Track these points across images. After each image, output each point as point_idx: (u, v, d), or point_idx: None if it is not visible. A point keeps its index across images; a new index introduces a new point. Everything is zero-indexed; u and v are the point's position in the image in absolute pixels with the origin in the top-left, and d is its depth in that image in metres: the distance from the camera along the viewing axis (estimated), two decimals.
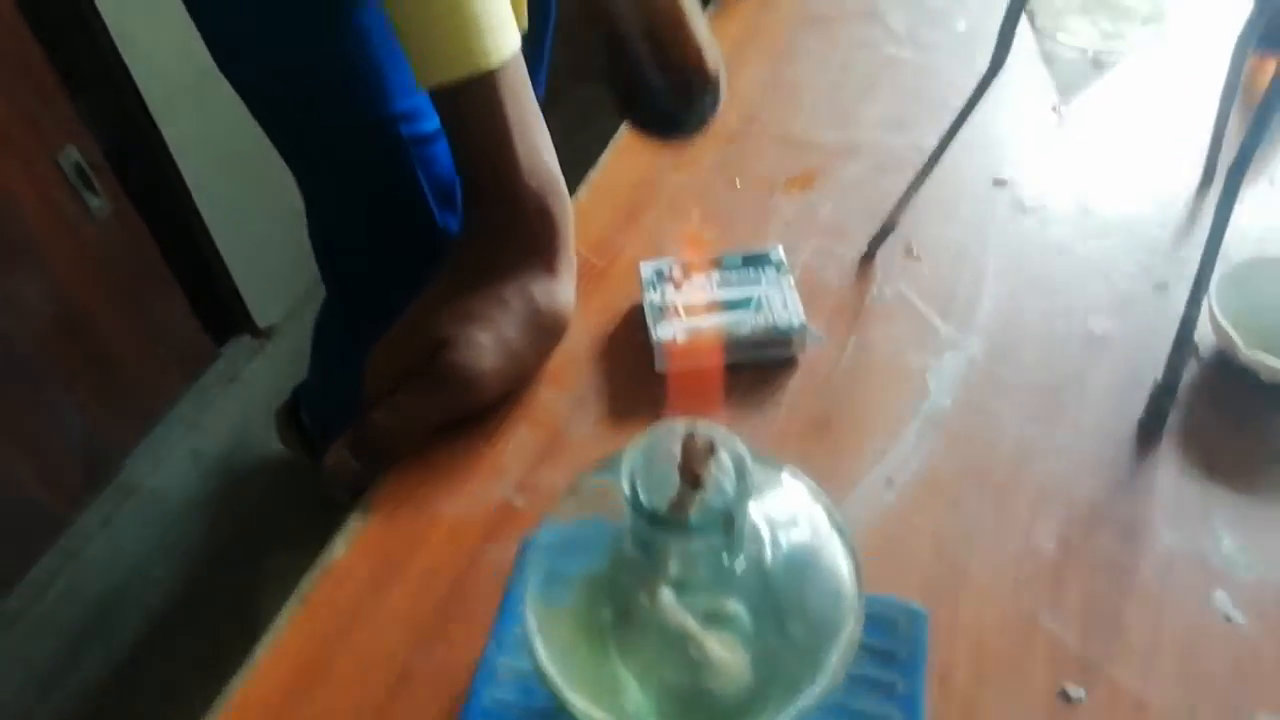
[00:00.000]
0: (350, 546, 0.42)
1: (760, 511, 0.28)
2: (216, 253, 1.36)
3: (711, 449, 0.24)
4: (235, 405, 1.42)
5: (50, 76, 1.10)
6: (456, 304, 0.44)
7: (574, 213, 0.49)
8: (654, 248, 0.53)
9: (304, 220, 0.74)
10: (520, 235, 0.45)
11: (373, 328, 0.45)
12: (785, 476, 0.31)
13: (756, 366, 0.47)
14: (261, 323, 1.48)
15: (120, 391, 1.30)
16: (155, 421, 1.38)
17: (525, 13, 0.47)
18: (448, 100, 0.44)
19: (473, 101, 0.43)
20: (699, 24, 0.38)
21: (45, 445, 1.21)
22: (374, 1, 0.51)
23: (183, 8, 0.58)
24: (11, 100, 1.07)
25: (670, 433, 0.25)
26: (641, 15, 0.36)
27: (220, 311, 1.44)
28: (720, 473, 0.24)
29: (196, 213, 1.31)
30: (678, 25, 0.37)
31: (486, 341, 0.43)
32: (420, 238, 0.63)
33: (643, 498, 0.24)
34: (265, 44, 0.56)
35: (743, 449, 0.25)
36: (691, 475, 0.24)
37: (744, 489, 0.24)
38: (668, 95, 0.37)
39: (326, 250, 0.75)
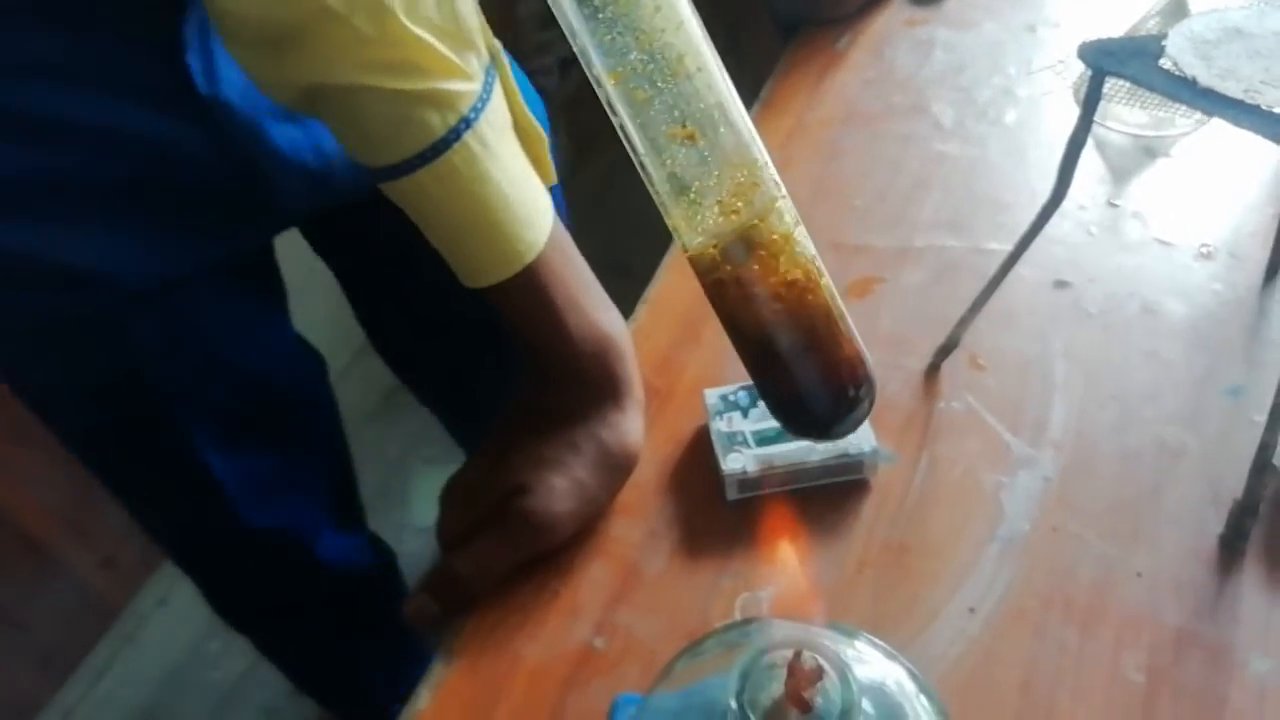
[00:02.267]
0: (435, 696, 0.43)
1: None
2: None
3: (820, 674, 0.25)
4: None
5: None
6: (528, 449, 0.46)
7: (634, 334, 0.51)
8: (717, 365, 0.55)
9: None
10: (583, 384, 0.47)
11: None
12: (860, 645, 0.32)
13: (828, 491, 0.49)
14: None
15: None
16: None
17: (551, 167, 0.47)
18: (495, 294, 0.44)
19: (520, 292, 0.43)
20: (850, 327, 0.38)
21: (98, 531, 1.25)
22: None
23: None
24: None
25: (769, 636, 0.27)
26: (799, 333, 0.36)
27: None
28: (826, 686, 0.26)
29: None
30: (836, 337, 0.36)
31: (560, 485, 0.45)
32: None
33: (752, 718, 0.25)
34: None
35: (847, 664, 0.26)
36: (799, 701, 0.25)
37: (850, 705, 0.25)
38: (829, 404, 0.37)
39: None
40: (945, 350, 0.54)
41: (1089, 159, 0.66)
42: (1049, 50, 0.74)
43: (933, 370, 0.54)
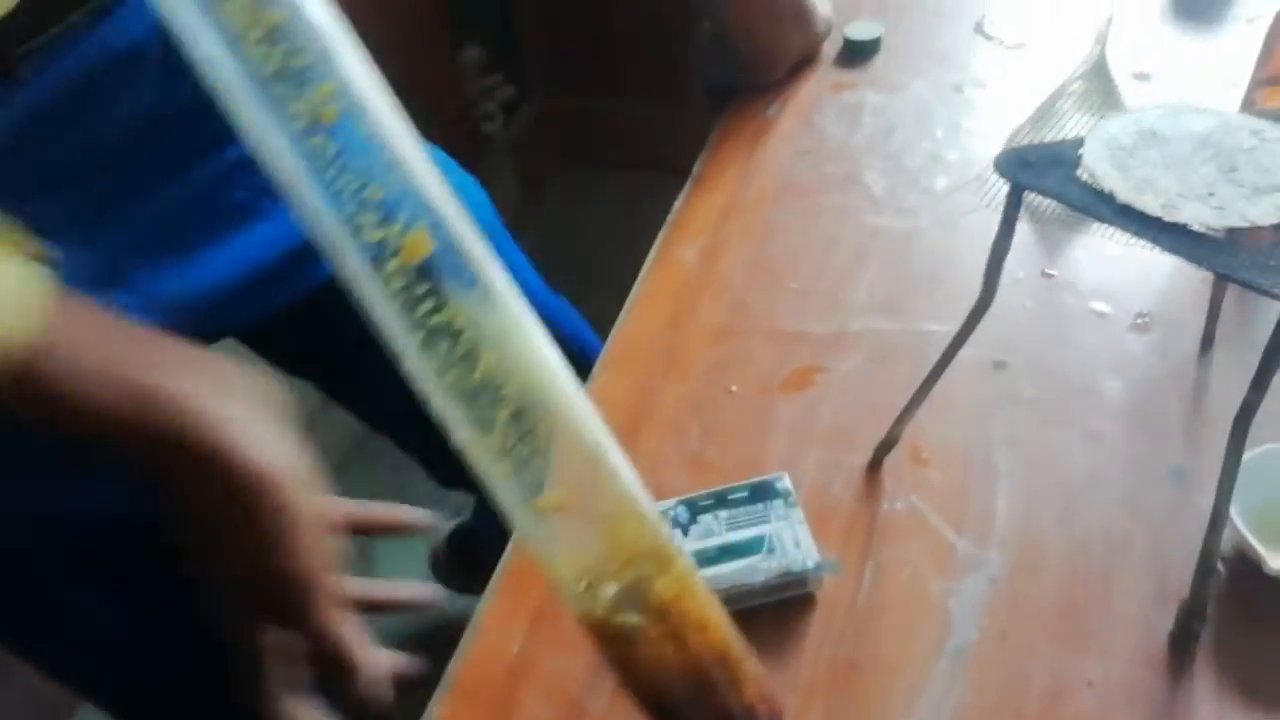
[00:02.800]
0: None
1: None
2: None
3: None
4: None
5: None
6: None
7: None
8: (656, 475, 0.54)
9: None
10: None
11: None
12: None
13: (774, 609, 0.48)
14: None
15: None
16: None
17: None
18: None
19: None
20: (754, 666, 0.35)
21: None
22: None
23: None
24: None
25: None
26: (696, 687, 0.33)
27: None
28: None
29: None
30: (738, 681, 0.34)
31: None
32: None
33: None
34: None
35: None
36: None
37: None
38: None
39: None
40: (887, 446, 0.53)
41: (1023, 233, 0.66)
42: (976, 112, 0.75)
43: (875, 466, 0.54)
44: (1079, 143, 0.42)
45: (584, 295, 0.80)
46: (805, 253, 0.66)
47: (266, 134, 0.28)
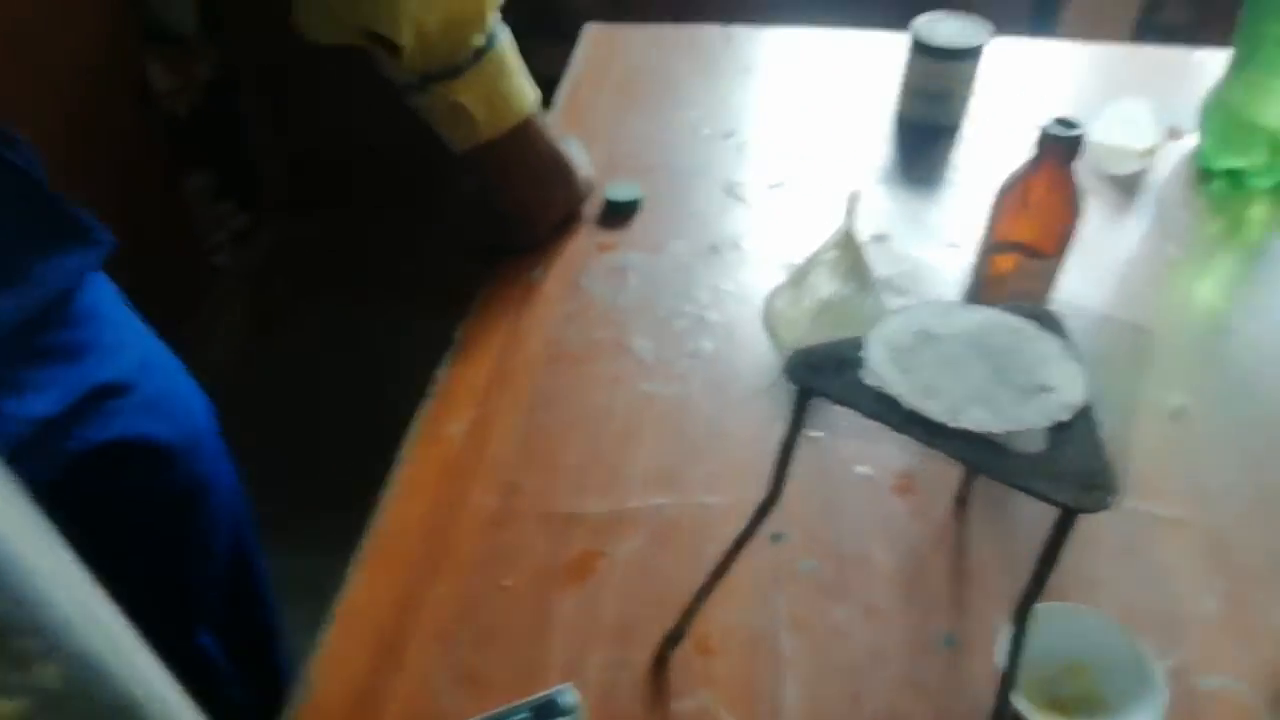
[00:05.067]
0: None
1: None
2: None
3: None
4: None
5: None
6: None
7: (322, 659, 0.48)
8: (427, 695, 0.50)
9: None
10: None
11: None
12: None
13: None
14: None
15: None
16: None
17: None
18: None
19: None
20: None
21: None
22: None
23: None
24: None
25: None
26: None
27: None
28: None
29: None
30: None
31: None
32: None
33: None
34: None
35: None
36: None
37: None
38: None
39: None
40: (673, 639, 0.52)
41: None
42: (733, 273, 0.79)
43: (661, 662, 0.52)
44: (859, 344, 0.44)
45: (323, 465, 0.75)
46: (579, 425, 0.66)
47: None
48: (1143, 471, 0.62)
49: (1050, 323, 0.47)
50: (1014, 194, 0.65)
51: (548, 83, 0.98)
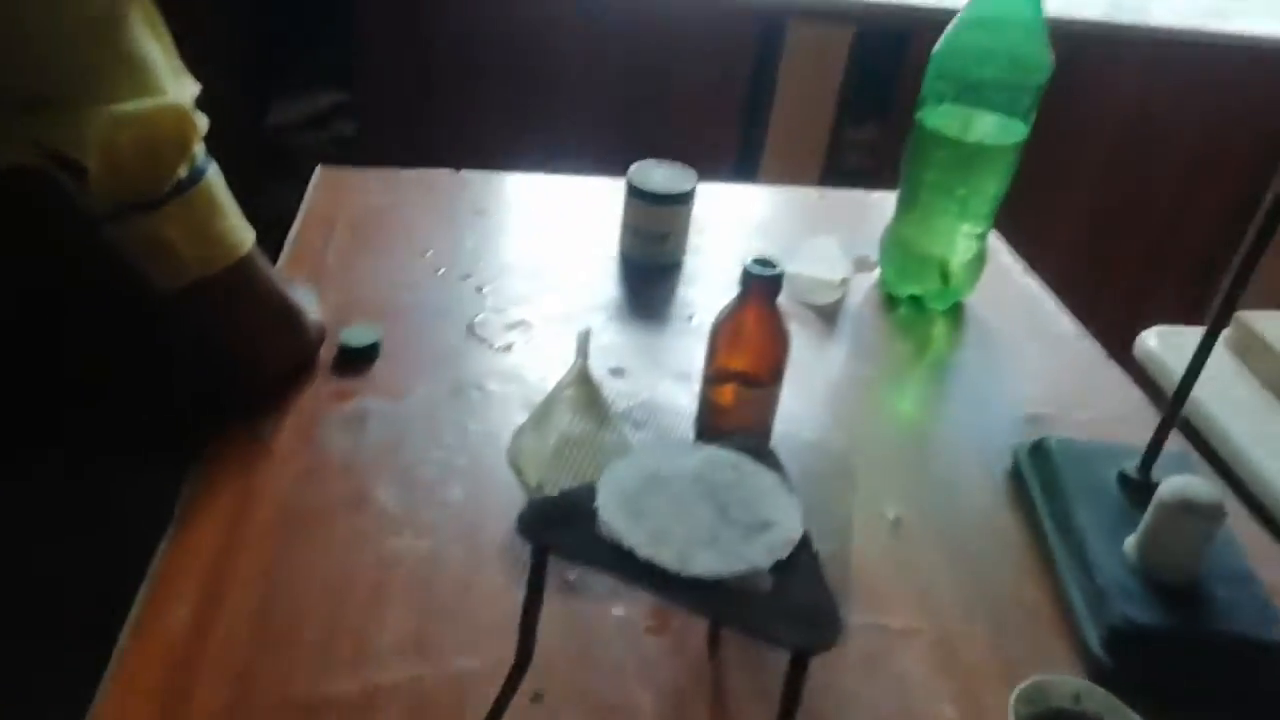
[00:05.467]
0: None
1: None
2: None
3: None
4: None
5: None
6: None
7: None
8: None
9: None
10: None
11: None
12: None
13: None
14: None
15: None
16: None
17: None
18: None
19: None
20: None
21: None
22: None
23: None
24: None
25: None
26: None
27: None
28: None
29: None
30: None
31: None
32: None
33: None
34: None
35: None
36: None
37: None
38: None
39: None
40: None
41: None
42: (479, 414, 0.79)
43: None
44: (592, 493, 0.46)
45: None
46: (320, 594, 0.62)
47: None
48: (871, 583, 0.68)
49: (765, 456, 0.51)
50: (726, 328, 0.71)
51: (277, 223, 0.96)
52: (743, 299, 0.69)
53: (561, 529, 0.44)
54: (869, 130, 1.80)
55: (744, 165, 1.82)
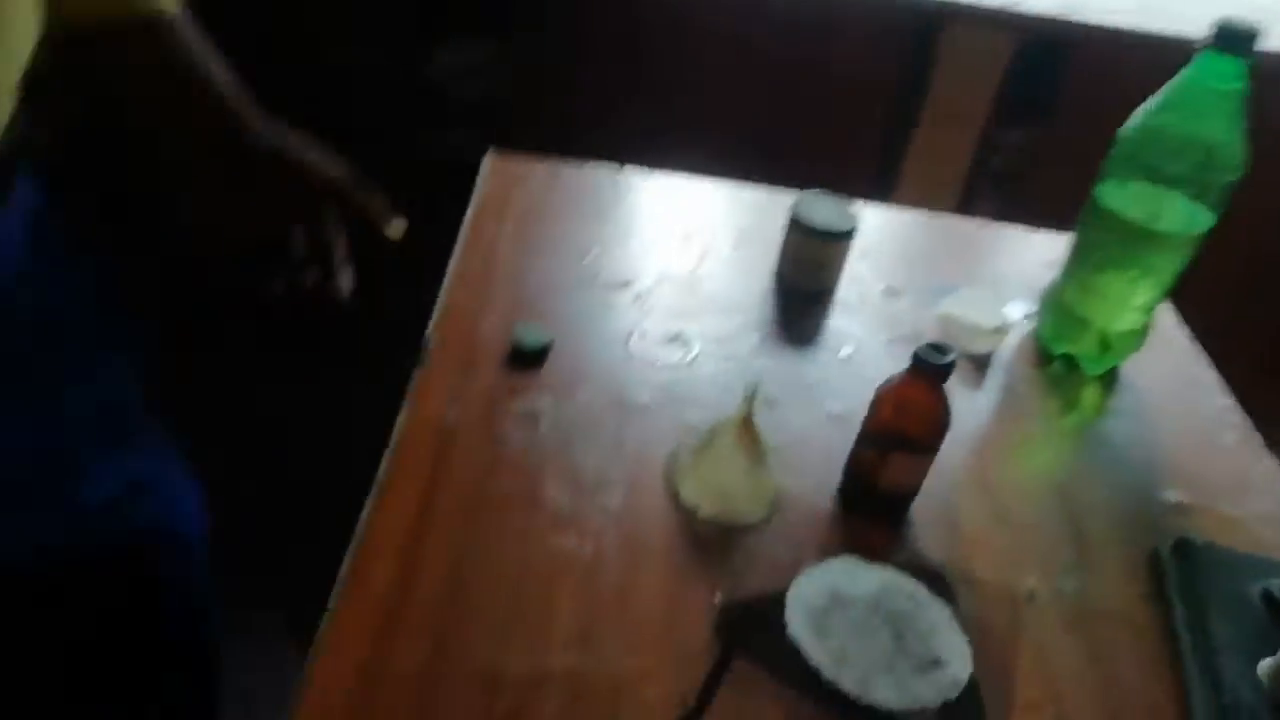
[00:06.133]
0: None
1: None
2: None
3: None
4: None
5: None
6: None
7: None
8: None
9: None
10: None
11: None
12: None
13: None
14: None
15: None
16: None
17: None
18: None
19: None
20: None
21: None
22: None
23: None
24: None
25: None
26: None
27: None
28: None
29: None
30: None
31: None
32: None
33: None
34: None
35: None
36: None
37: None
38: None
39: None
40: None
41: None
42: (636, 427, 0.84)
43: None
44: (781, 602, 0.50)
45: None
46: (499, 579, 0.69)
47: None
48: (999, 655, 0.68)
49: (938, 583, 0.54)
50: (891, 399, 0.74)
51: (432, 166, 1.00)
52: (912, 378, 0.72)
53: (749, 631, 0.49)
54: (1018, 135, 1.78)
55: (888, 154, 1.81)
